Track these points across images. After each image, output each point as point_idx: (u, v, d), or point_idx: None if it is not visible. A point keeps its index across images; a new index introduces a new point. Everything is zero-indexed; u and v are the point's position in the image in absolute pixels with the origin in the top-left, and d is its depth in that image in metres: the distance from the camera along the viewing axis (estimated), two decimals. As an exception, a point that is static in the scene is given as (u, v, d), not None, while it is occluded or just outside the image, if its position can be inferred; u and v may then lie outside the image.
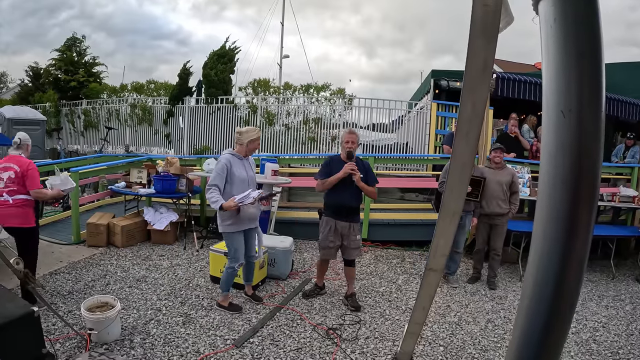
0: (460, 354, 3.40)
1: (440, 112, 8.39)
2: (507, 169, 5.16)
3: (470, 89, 1.06)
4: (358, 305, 4.16)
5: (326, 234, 4.11)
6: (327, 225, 4.12)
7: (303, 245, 6.41)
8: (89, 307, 3.30)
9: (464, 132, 1.15)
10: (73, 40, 14.92)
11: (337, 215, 4.08)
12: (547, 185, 0.57)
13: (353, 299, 4.21)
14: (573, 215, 0.55)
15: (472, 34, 0.95)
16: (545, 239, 0.59)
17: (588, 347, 3.66)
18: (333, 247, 4.12)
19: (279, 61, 20.61)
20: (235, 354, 3.19)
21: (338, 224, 4.07)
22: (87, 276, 4.66)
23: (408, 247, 6.61)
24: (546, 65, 0.56)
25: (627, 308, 4.68)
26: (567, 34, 0.54)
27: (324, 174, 4.09)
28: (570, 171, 0.54)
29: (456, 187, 1.33)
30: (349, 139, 4.04)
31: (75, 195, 5.96)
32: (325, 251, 4.18)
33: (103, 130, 11.65)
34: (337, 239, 4.10)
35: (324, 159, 4.47)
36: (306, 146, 9.82)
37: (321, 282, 4.49)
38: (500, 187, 4.98)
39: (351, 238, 4.10)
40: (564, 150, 0.55)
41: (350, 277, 4.30)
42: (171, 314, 3.83)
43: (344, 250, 4.16)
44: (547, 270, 0.58)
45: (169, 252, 5.75)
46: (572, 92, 0.54)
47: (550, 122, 0.56)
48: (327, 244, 4.12)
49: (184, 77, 11.10)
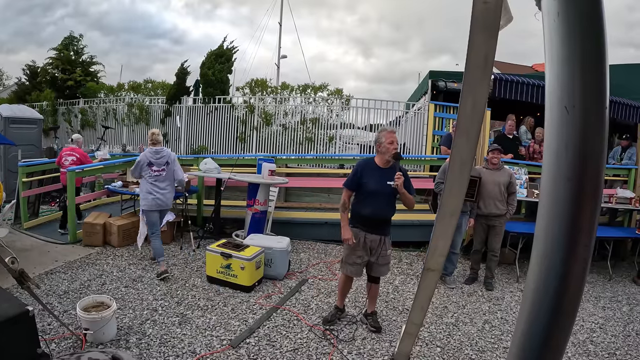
0: (457, 355, 3.39)
1: (438, 113, 8.41)
2: (504, 170, 5.15)
3: (471, 86, 1.05)
4: (379, 326, 3.74)
5: (353, 248, 3.57)
6: (355, 238, 3.55)
7: (300, 245, 6.40)
8: (84, 307, 3.28)
9: (464, 130, 1.14)
10: (70, 39, 14.87)
11: (367, 227, 3.55)
12: (551, 183, 0.56)
13: (374, 318, 3.79)
14: (577, 214, 0.54)
15: (472, 30, 0.94)
16: (547, 238, 0.58)
17: (585, 348, 3.66)
18: (361, 263, 3.60)
19: (277, 61, 20.59)
20: (231, 354, 3.17)
21: (368, 238, 3.54)
22: (83, 276, 4.63)
23: (405, 248, 6.60)
24: (550, 61, 0.55)
25: (624, 309, 4.68)
26: (571, 28, 0.53)
27: (352, 184, 3.58)
28: (575, 168, 0.53)
29: (455, 187, 1.32)
30: (392, 138, 3.48)
31: (71, 195, 5.93)
32: (352, 268, 3.63)
33: (100, 129, 11.61)
34: (366, 254, 3.58)
35: (358, 160, 3.95)
36: (303, 146, 9.81)
37: (342, 303, 3.94)
38: (498, 187, 4.98)
39: (381, 253, 3.57)
40: (567, 147, 0.54)
41: (374, 296, 3.85)
42: (167, 314, 3.81)
43: (371, 266, 3.65)
44: (550, 271, 0.57)
45: (165, 252, 5.71)
46: (576, 87, 0.53)
47: (553, 118, 0.55)
48: (355, 260, 3.59)
49: (181, 77, 11.09)
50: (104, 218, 5.96)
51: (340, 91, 10.33)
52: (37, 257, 5.12)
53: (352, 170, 3.66)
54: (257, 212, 6.01)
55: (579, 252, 0.57)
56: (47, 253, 5.32)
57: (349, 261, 3.63)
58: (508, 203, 5.05)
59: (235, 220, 6.83)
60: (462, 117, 1.13)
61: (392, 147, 3.45)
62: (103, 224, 5.82)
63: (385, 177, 3.46)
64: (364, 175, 3.53)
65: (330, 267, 5.49)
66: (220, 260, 4.50)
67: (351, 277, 3.78)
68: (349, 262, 3.63)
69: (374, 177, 3.50)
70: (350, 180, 3.61)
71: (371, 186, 3.49)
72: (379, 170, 3.52)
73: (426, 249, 5.39)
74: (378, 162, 3.57)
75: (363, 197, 3.55)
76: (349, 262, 3.64)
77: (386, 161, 3.52)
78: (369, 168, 3.56)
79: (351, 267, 3.64)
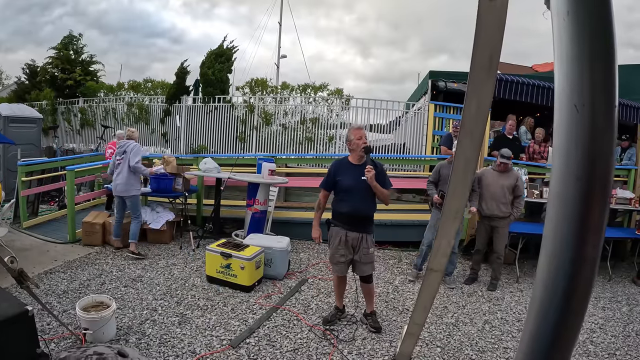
0: (457, 355, 3.39)
1: (438, 113, 8.40)
2: (512, 173, 5.03)
3: (476, 86, 1.04)
4: (379, 326, 3.75)
5: (335, 246, 3.62)
6: (336, 236, 3.62)
7: (300, 245, 6.39)
8: (84, 307, 3.27)
9: (469, 131, 1.14)
10: (70, 39, 14.82)
11: (347, 224, 3.58)
12: (560, 182, 0.56)
13: (373, 318, 3.81)
14: (586, 213, 0.54)
15: (478, 30, 0.94)
16: (556, 238, 0.57)
17: (585, 349, 3.66)
18: (344, 261, 3.64)
19: (277, 61, 20.57)
20: (231, 354, 3.16)
21: (349, 235, 3.57)
22: (83, 275, 4.62)
23: (405, 248, 6.60)
24: (559, 60, 0.55)
25: (624, 309, 4.69)
26: (581, 27, 0.53)
27: (327, 184, 3.69)
28: (584, 167, 0.53)
29: (459, 188, 1.31)
30: (360, 134, 3.58)
31: (70, 194, 5.92)
32: (336, 267, 3.70)
33: (99, 128, 11.58)
34: (349, 252, 3.60)
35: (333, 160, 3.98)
36: (303, 146, 9.79)
37: (341, 303, 3.96)
38: (502, 190, 4.93)
39: (362, 252, 3.58)
40: (577, 145, 0.53)
41: (368, 294, 3.85)
42: (167, 313, 3.80)
43: (355, 265, 3.67)
44: (559, 270, 0.57)
45: (165, 252, 5.72)
46: (585, 86, 0.53)
47: (562, 117, 0.55)
48: (338, 259, 3.64)
49: (181, 76, 11.05)
50: (103, 217, 5.95)
51: (341, 91, 10.31)
52: (37, 257, 5.11)
53: (327, 171, 3.75)
54: (257, 212, 6.00)
55: (588, 251, 0.56)
56: (46, 252, 5.31)
57: (333, 260, 3.72)
58: (514, 206, 4.98)
59: (235, 220, 6.82)
60: (466, 117, 1.12)
61: (361, 142, 3.54)
62: (102, 223, 5.81)
63: (360, 173, 3.51)
64: (338, 174, 3.62)
65: (330, 267, 5.47)
66: (220, 260, 4.50)
67: (342, 277, 3.81)
68: (334, 262, 3.71)
69: (348, 174, 3.58)
70: (325, 180, 3.72)
71: (346, 183, 3.57)
72: (353, 167, 3.59)
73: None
74: (352, 160, 3.65)
75: (340, 195, 3.62)
76: (333, 262, 3.72)
77: (359, 157, 3.58)
78: (343, 166, 3.66)
79: (335, 266, 3.71)
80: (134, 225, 5.45)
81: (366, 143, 3.55)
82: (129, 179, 5.33)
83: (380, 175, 3.55)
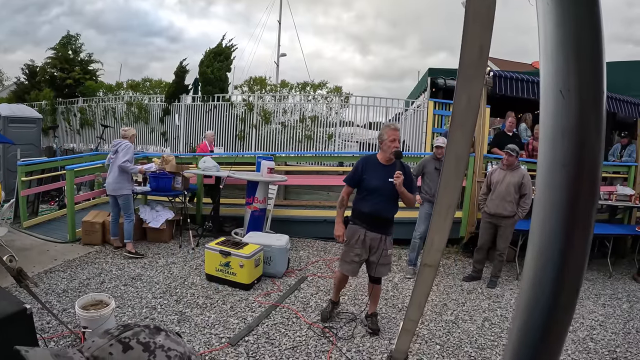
0: (456, 353, 3.38)
1: (437, 111, 8.39)
2: (519, 170, 4.94)
3: (466, 79, 1.03)
4: (377, 328, 3.64)
5: (352, 245, 3.48)
6: (354, 234, 3.47)
7: (299, 243, 6.39)
8: (83, 305, 3.26)
9: (459, 124, 1.13)
10: (68, 38, 14.82)
11: (368, 224, 3.45)
12: (546, 171, 0.54)
13: (373, 320, 3.69)
14: (574, 201, 0.53)
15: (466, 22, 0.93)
16: (544, 230, 0.56)
17: (585, 346, 3.65)
18: (358, 261, 3.50)
19: (276, 59, 20.54)
20: (230, 352, 3.16)
21: (368, 235, 3.44)
22: (82, 274, 4.62)
23: (405, 245, 6.58)
24: (543, 44, 0.54)
25: (624, 306, 4.68)
26: (565, 9, 0.52)
27: (353, 181, 3.54)
28: (571, 154, 0.52)
29: (451, 181, 1.30)
30: (394, 136, 3.42)
31: (70, 194, 5.92)
32: (349, 266, 3.54)
33: (99, 128, 11.59)
34: (365, 252, 3.48)
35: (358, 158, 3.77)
36: (303, 144, 9.80)
37: (337, 297, 3.91)
38: (508, 187, 4.86)
39: (382, 253, 3.45)
40: (563, 132, 0.52)
41: (375, 296, 3.73)
42: (166, 312, 3.80)
43: (371, 266, 3.52)
44: (547, 263, 0.55)
45: (164, 250, 5.72)
46: (570, 70, 0.52)
47: (548, 104, 0.53)
48: (352, 258, 3.49)
49: (180, 75, 11.05)
50: (102, 217, 5.94)
51: (340, 89, 10.34)
52: (37, 256, 5.11)
53: (354, 166, 3.59)
54: (256, 210, 5.99)
55: (577, 242, 0.55)
56: (46, 252, 5.31)
57: (346, 259, 3.55)
58: (519, 205, 4.90)
59: (235, 218, 6.82)
60: (457, 111, 1.11)
61: (393, 145, 3.39)
62: (102, 222, 5.80)
63: (387, 174, 3.39)
64: (366, 171, 3.47)
65: (329, 265, 5.48)
66: (219, 258, 4.49)
67: (347, 276, 3.69)
68: (347, 260, 3.54)
69: (376, 173, 3.44)
70: (351, 176, 3.57)
71: (372, 183, 3.44)
72: (381, 167, 3.45)
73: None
74: (380, 158, 3.51)
75: (364, 193, 3.48)
76: (346, 260, 3.55)
77: (388, 158, 3.46)
78: (371, 164, 3.50)
79: (348, 266, 3.55)
80: (127, 225, 5.42)
81: (397, 147, 3.41)
82: (119, 178, 5.33)
83: (408, 179, 3.44)
